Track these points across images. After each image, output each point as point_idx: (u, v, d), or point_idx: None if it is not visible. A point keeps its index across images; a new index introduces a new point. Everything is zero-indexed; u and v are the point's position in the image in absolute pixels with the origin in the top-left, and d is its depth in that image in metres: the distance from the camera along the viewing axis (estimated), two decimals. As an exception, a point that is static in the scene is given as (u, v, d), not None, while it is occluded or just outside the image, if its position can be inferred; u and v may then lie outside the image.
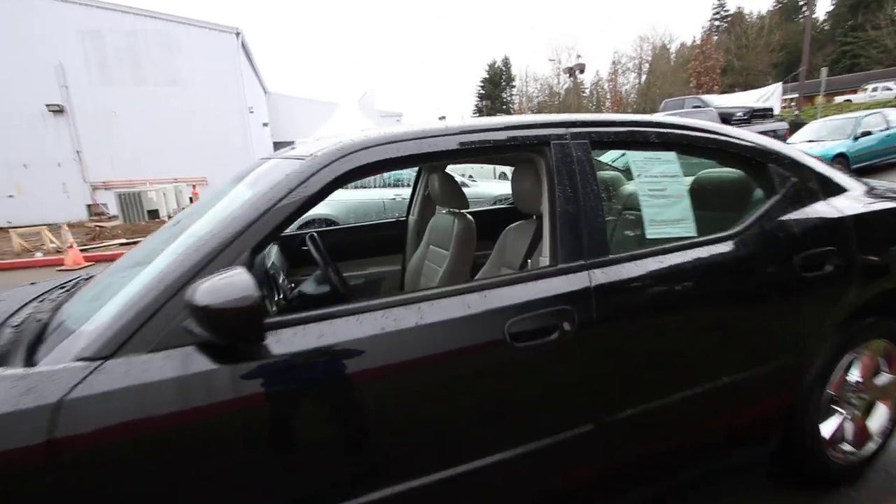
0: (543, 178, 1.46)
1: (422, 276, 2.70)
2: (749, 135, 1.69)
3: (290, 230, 2.97)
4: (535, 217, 1.91)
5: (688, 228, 1.50)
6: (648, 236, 1.48)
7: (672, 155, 1.55)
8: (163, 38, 15.55)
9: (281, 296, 1.98)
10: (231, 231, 1.12)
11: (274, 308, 1.72)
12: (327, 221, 6.14)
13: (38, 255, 8.36)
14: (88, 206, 15.81)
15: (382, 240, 2.99)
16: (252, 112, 17.09)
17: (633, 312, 1.38)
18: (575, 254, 1.36)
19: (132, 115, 15.30)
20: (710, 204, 1.66)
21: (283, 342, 1.09)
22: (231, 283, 0.97)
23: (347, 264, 2.93)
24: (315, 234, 2.35)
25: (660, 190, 1.51)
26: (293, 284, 2.40)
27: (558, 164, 1.41)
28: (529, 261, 1.81)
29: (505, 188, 7.99)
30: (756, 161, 1.64)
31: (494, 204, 6.79)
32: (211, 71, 15.79)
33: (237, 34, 16.34)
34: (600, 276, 1.35)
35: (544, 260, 1.42)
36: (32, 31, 14.29)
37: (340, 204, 6.35)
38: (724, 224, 1.55)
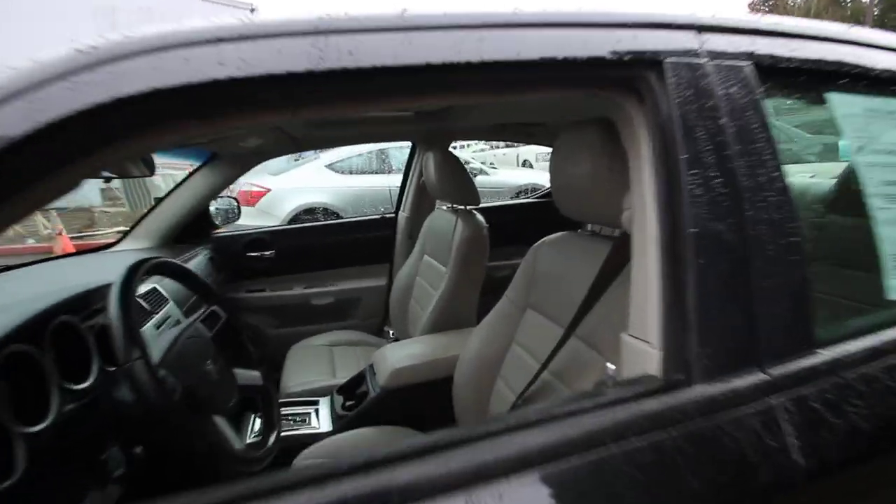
0: (640, 150, 0.62)
1: (412, 301, 1.89)
2: None
3: (240, 226, 2.20)
4: (599, 231, 1.07)
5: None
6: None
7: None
8: (176, 14, 14.97)
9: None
10: None
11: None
12: (326, 211, 5.39)
13: (30, 242, 7.89)
14: (102, 189, 15.51)
15: (362, 244, 2.19)
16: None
17: None
18: (734, 343, 0.56)
19: (144, 96, 14.83)
20: None
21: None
22: None
23: (312, 278, 2.14)
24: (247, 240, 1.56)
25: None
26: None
27: (684, 117, 0.56)
28: (591, 317, 0.95)
29: (532, 177, 7.06)
30: None
31: (519, 197, 5.90)
32: (224, 50, 15.18)
33: (252, 10, 15.67)
34: (806, 414, 0.52)
35: (636, 343, 0.59)
36: (45, 5, 13.91)
37: (341, 192, 5.59)
38: None
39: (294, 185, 5.46)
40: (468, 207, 1.71)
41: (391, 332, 2.13)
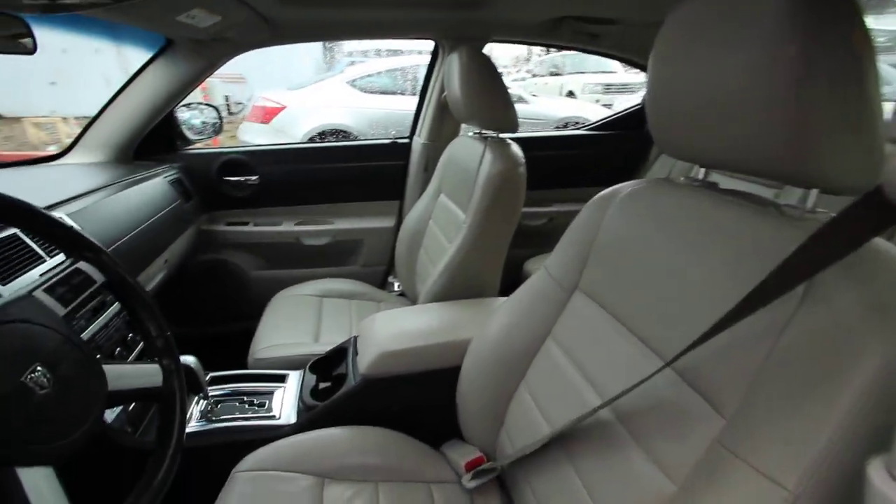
0: None
1: (421, 251, 1.50)
2: None
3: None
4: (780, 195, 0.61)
5: None
6: None
7: None
8: None
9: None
10: None
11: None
12: (342, 133, 4.91)
13: (52, 149, 7.79)
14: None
15: (368, 175, 1.78)
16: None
17: None
18: None
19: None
20: None
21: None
22: None
23: (305, 212, 1.77)
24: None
25: None
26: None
27: None
28: (716, 346, 0.52)
29: (576, 109, 6.28)
30: None
31: (563, 128, 5.25)
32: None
33: None
34: None
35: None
36: None
37: (364, 113, 5.05)
38: None
39: (313, 103, 4.96)
40: (500, 135, 1.26)
41: (396, 285, 1.77)
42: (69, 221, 0.93)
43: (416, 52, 5.42)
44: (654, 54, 0.58)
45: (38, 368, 0.50)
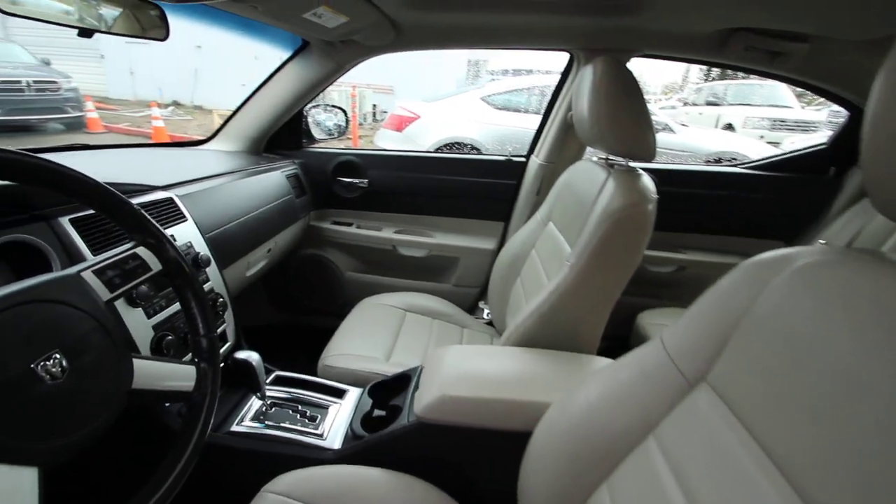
0: None
1: (518, 281, 1.35)
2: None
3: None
4: None
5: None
6: None
7: None
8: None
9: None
10: None
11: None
12: (468, 147, 4.92)
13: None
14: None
15: (476, 191, 1.67)
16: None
17: None
18: None
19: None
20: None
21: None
22: None
23: (406, 222, 1.72)
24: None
25: None
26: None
27: None
28: None
29: (733, 144, 5.50)
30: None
31: (713, 163, 4.63)
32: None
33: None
34: None
35: None
36: None
37: (492, 130, 5.02)
38: None
39: (445, 115, 5.09)
40: (630, 163, 1.05)
41: (485, 312, 1.63)
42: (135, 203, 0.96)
43: (555, 73, 5.26)
44: (884, 81, 0.37)
45: (56, 356, 0.46)
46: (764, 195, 1.64)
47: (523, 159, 1.67)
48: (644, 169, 1.05)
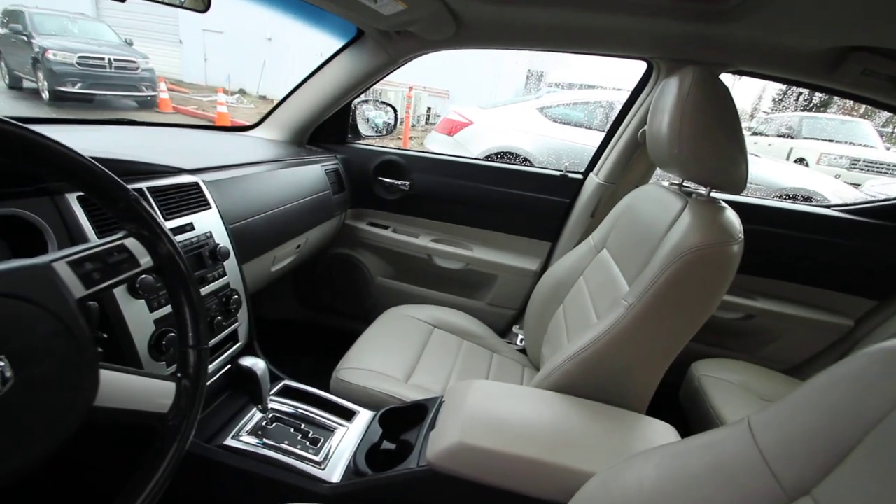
0: None
1: (559, 310, 1.21)
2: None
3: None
4: None
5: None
6: None
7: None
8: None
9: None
10: None
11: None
12: (519, 158, 4.76)
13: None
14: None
15: (523, 206, 1.54)
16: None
17: None
18: None
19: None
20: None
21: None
22: None
23: (444, 230, 1.61)
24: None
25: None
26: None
27: None
28: None
29: (807, 180, 5.05)
30: None
31: (789, 199, 4.25)
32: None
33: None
34: None
35: None
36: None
37: (546, 142, 4.84)
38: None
39: (499, 123, 4.97)
40: (712, 193, 0.90)
41: (520, 338, 1.49)
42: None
43: (614, 89, 5.02)
44: None
45: None
46: (856, 244, 1.42)
47: (580, 176, 1.52)
48: (725, 201, 0.89)
